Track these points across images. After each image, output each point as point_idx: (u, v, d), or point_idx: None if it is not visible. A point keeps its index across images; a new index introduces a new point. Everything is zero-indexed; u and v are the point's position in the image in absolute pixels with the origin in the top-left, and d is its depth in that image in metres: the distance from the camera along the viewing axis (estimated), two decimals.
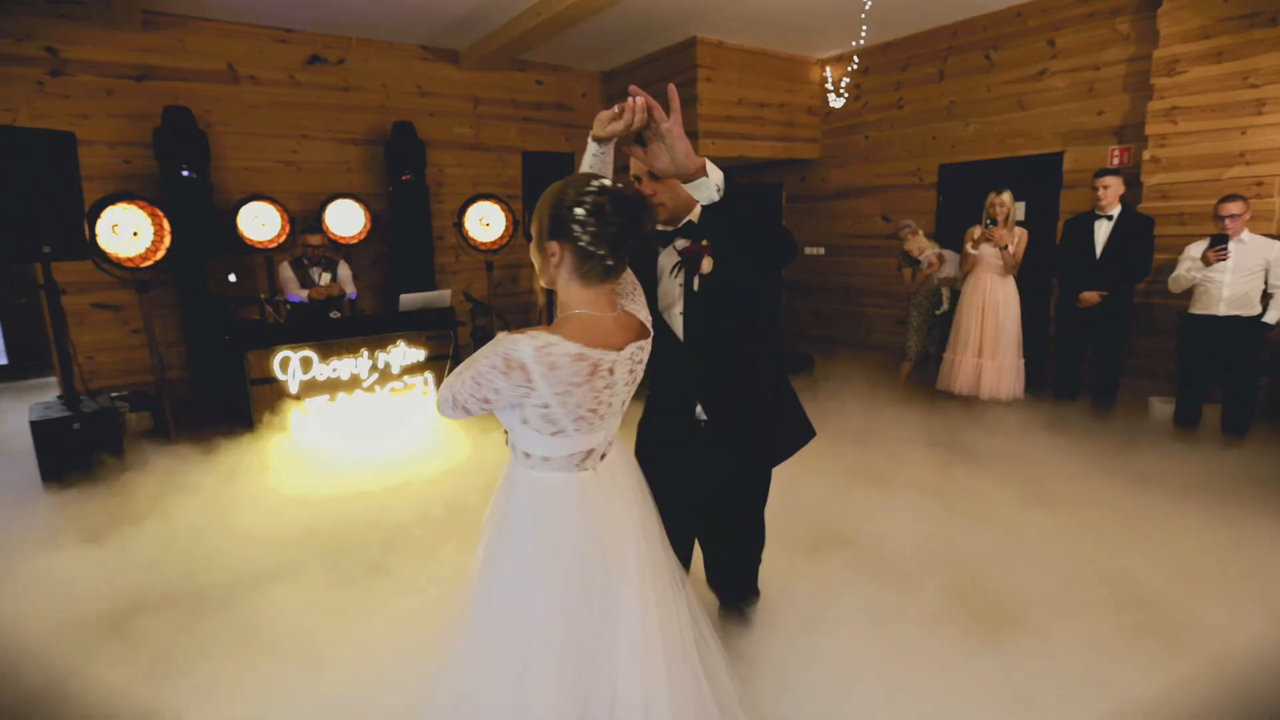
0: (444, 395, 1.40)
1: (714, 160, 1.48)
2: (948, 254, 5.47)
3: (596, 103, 7.54)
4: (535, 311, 6.54)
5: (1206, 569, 2.70)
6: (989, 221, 4.88)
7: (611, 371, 1.42)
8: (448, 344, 4.99)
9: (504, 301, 6.95)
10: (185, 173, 5.07)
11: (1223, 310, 4.14)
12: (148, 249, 4.32)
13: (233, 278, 4.33)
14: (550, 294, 1.57)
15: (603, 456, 1.52)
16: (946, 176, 6.25)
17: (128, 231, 4.22)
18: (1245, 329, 4.12)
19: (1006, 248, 4.73)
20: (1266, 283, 4.05)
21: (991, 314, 4.85)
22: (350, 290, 5.10)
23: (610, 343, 1.40)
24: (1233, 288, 4.09)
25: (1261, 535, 2.99)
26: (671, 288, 1.85)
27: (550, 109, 7.21)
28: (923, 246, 5.49)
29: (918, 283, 5.51)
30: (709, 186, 1.43)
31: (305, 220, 5.76)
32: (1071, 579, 2.66)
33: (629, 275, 1.60)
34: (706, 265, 1.77)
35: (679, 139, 1.36)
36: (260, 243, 5.50)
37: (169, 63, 5.32)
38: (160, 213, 4.36)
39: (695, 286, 1.80)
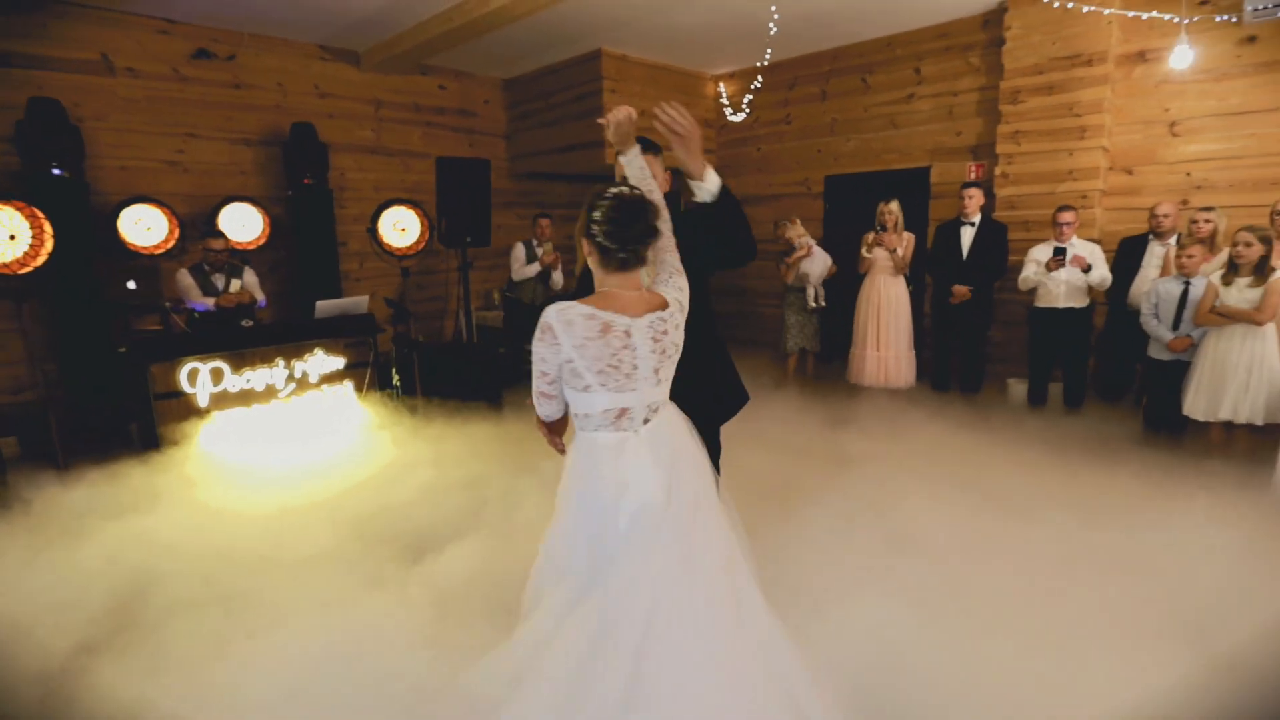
0: (534, 399, 1.76)
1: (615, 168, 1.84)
2: (818, 251, 5.94)
3: (499, 110, 7.60)
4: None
5: (1051, 491, 3.52)
6: (880, 228, 5.47)
7: (628, 334, 1.67)
8: (367, 351, 4.89)
9: (420, 308, 6.84)
10: (56, 171, 4.62)
11: (1061, 303, 4.92)
12: (26, 254, 3.94)
13: (132, 284, 4.04)
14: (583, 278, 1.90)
15: (646, 421, 1.74)
16: (831, 187, 6.88)
17: (2, 234, 3.82)
18: (1078, 319, 4.93)
19: (896, 250, 5.34)
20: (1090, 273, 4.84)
21: (886, 310, 5.45)
22: (260, 297, 4.87)
23: (625, 310, 1.67)
24: (1068, 284, 4.87)
25: (1087, 470, 3.83)
26: None
27: (453, 114, 7.18)
28: (800, 233, 5.94)
29: (791, 269, 5.91)
30: (705, 190, 1.89)
31: (195, 224, 5.42)
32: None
33: (671, 261, 1.86)
34: None
35: (695, 149, 1.85)
36: (145, 248, 5.11)
37: (31, 49, 4.83)
38: (40, 214, 3.98)
39: None
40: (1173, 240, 4.62)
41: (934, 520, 3.15)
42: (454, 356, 5.56)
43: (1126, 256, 4.83)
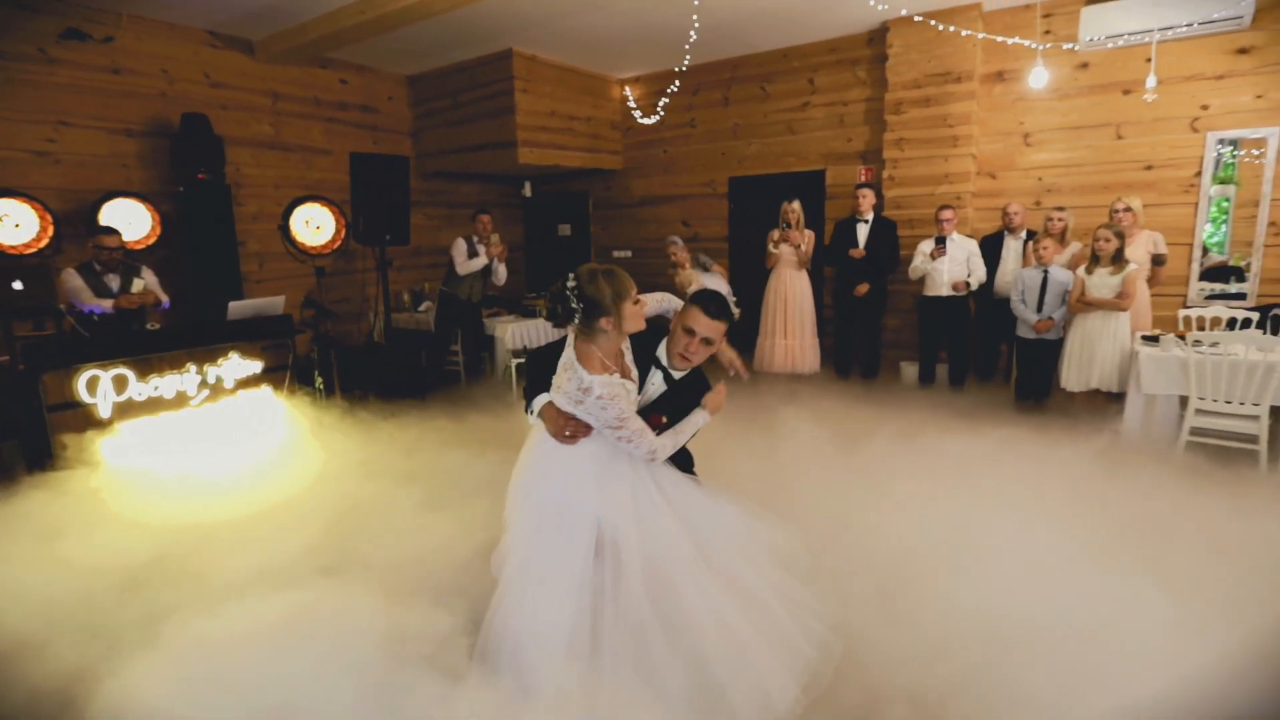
0: (650, 447, 2.08)
1: (531, 167, 2.30)
2: (707, 278, 5.88)
3: (403, 106, 7.41)
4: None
5: (938, 457, 3.90)
6: (784, 225, 5.89)
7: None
8: (286, 353, 4.67)
9: (336, 308, 6.54)
10: None
11: (945, 292, 5.54)
12: None
13: (18, 284, 3.64)
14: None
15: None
16: (735, 188, 7.29)
17: None
18: (959, 306, 5.56)
19: (800, 246, 5.78)
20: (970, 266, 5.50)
21: (792, 301, 5.88)
22: (164, 299, 4.51)
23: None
24: (950, 274, 5.49)
25: (963, 428, 4.39)
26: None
27: (356, 110, 6.93)
28: (689, 280, 5.83)
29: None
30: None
31: (72, 221, 4.94)
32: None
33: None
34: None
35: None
36: (13, 247, 4.61)
37: None
38: None
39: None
40: (1023, 234, 5.35)
41: (827, 472, 3.61)
42: (376, 356, 5.40)
43: (988, 251, 5.52)
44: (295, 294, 6.27)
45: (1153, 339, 4.35)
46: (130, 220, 5.12)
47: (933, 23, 5.46)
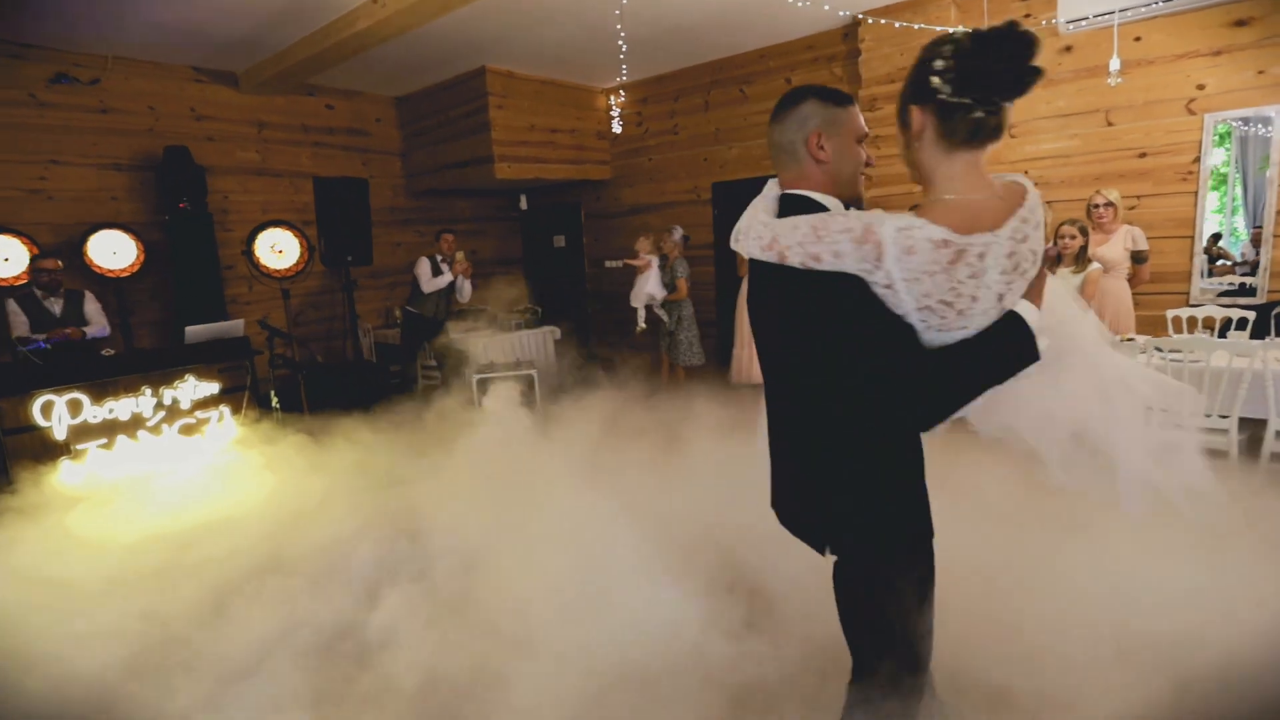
0: (757, 232, 1.34)
1: (509, 182, 1.85)
2: (654, 272, 5.99)
3: (392, 128, 7.60)
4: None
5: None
6: None
7: (982, 257, 1.22)
8: (244, 375, 4.83)
9: (306, 330, 6.76)
10: None
11: None
12: None
13: None
14: None
15: None
16: (719, 193, 7.13)
17: None
18: None
19: None
20: None
21: None
22: (99, 327, 4.68)
23: (984, 223, 1.22)
24: None
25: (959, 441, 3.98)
26: None
27: (343, 134, 7.15)
28: (646, 249, 6.00)
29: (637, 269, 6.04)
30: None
31: (63, 254, 5.24)
32: None
33: None
34: None
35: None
36: (4, 280, 4.95)
37: None
38: None
39: None
40: None
41: None
42: (341, 374, 5.54)
43: None
44: (282, 316, 6.52)
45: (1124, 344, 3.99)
46: (115, 250, 5.42)
47: (897, 24, 5.20)
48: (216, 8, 4.85)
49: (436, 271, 5.93)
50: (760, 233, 1.35)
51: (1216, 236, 5.00)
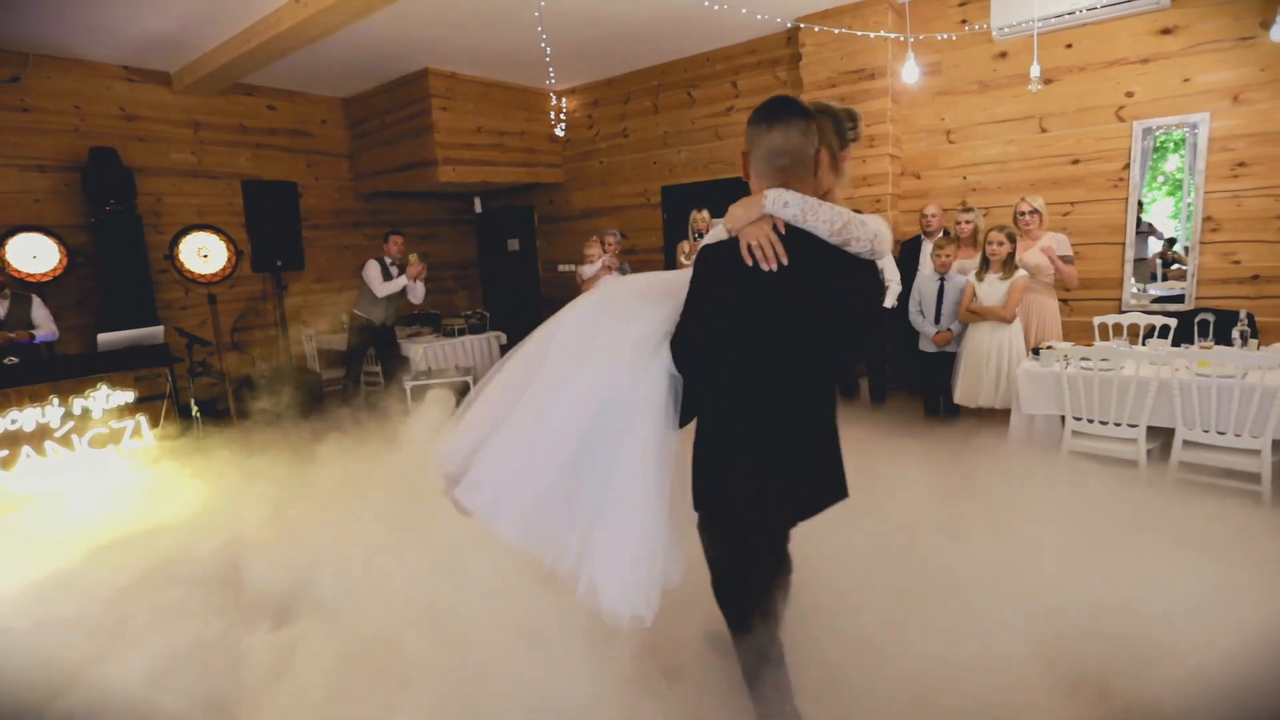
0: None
1: (455, 186, 1.96)
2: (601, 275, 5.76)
3: (340, 129, 7.47)
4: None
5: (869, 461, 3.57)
6: (694, 236, 5.67)
7: None
8: (163, 383, 4.70)
9: (247, 335, 6.63)
10: None
11: None
12: None
13: None
14: None
15: None
16: (668, 197, 7.08)
17: None
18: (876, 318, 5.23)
19: None
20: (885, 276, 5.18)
21: None
22: (47, 331, 4.57)
23: None
24: None
25: (895, 447, 4.09)
26: None
27: (286, 135, 7.01)
28: (593, 254, 5.80)
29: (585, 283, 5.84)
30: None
31: None
32: None
33: None
34: None
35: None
36: None
37: None
38: None
39: None
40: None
41: None
42: (273, 382, 5.42)
43: (907, 256, 5.17)
44: (226, 319, 6.38)
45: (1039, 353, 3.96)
46: (36, 254, 5.26)
47: (835, 30, 5.17)
48: (135, 6, 4.72)
49: (387, 275, 5.80)
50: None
51: (1171, 242, 5.02)
